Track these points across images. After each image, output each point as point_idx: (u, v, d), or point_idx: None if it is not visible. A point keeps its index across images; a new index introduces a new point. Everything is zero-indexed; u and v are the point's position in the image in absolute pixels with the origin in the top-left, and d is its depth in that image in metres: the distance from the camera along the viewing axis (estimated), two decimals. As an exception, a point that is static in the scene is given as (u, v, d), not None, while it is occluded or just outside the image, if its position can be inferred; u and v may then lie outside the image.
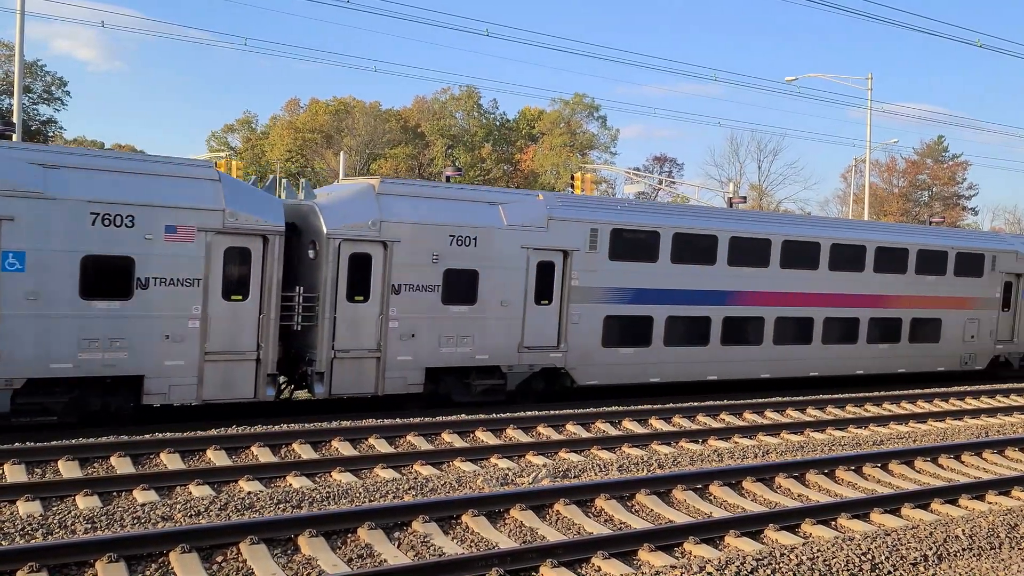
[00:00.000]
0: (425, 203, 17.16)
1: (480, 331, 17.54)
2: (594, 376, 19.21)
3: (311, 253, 16.46)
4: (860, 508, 11.44)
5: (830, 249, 22.47)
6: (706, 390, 21.44)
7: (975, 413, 19.67)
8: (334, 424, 14.64)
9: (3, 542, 8.86)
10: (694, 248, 20.25)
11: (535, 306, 18.26)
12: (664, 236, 19.80)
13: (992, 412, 19.96)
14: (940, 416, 19.05)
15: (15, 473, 11.43)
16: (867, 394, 20.93)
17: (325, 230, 16.09)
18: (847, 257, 22.88)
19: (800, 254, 21.99)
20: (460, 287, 17.30)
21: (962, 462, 14.86)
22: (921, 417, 18.77)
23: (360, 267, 16.41)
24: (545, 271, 18.40)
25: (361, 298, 16.46)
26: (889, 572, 9.28)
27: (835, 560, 9.30)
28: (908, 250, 24.08)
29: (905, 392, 21.53)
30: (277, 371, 16.16)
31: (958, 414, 19.40)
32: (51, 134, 74.59)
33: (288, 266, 16.01)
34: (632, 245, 19.42)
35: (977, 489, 12.69)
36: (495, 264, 17.63)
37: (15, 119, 29.27)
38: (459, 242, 17.16)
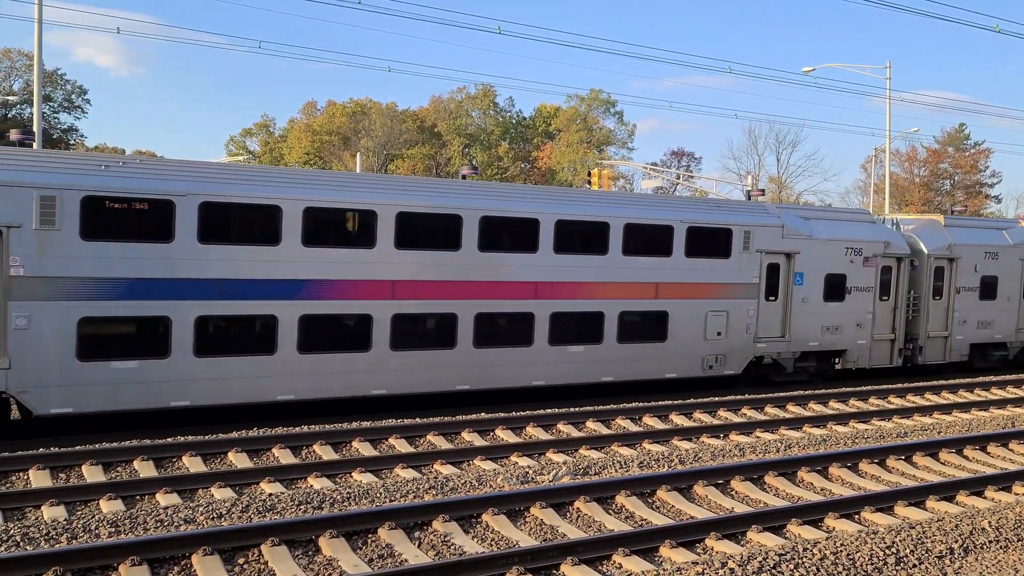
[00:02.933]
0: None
1: None
2: None
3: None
4: (884, 501, 11.33)
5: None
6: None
7: (1001, 403, 19.45)
8: (354, 425, 14.71)
9: (28, 546, 8.96)
10: None
11: None
12: None
13: (1018, 402, 19.72)
14: (965, 407, 18.86)
15: (40, 478, 11.56)
16: (890, 386, 20.75)
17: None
18: None
19: None
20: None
21: (988, 453, 14.69)
22: (946, 408, 18.59)
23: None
24: None
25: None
26: (914, 565, 9.18)
27: (859, 554, 9.21)
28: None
29: (929, 383, 21.32)
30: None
31: (984, 404, 19.20)
32: (72, 142, 75.32)
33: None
34: None
35: (1003, 480, 12.54)
36: None
37: (35, 128, 29.58)
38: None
